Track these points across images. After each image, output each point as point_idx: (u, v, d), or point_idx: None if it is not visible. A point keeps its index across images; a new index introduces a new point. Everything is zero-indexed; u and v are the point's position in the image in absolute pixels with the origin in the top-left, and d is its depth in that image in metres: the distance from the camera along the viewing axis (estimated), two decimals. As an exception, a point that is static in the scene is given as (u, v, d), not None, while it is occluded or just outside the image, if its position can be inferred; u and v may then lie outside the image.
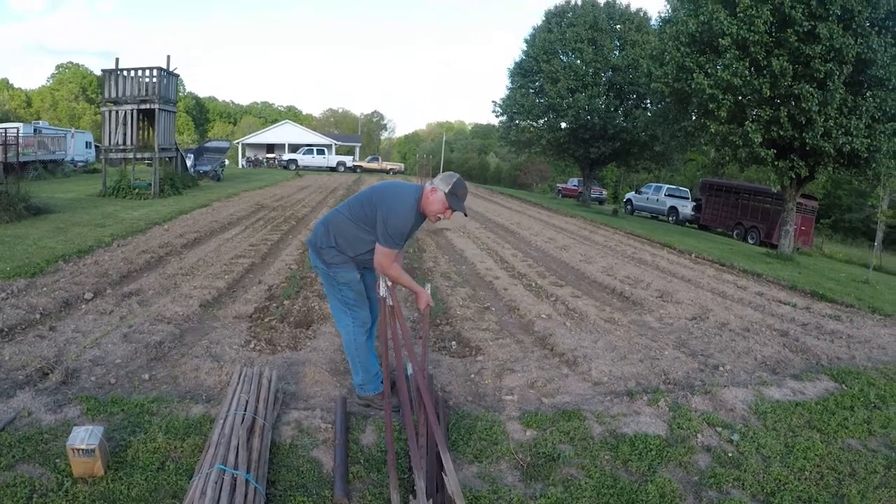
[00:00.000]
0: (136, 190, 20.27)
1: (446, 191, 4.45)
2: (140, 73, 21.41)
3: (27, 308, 6.80)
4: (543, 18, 37.99)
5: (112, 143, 21.10)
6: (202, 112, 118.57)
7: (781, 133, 17.69)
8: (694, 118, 21.90)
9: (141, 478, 3.67)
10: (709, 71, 18.44)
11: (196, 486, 3.32)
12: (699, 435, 4.87)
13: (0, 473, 3.62)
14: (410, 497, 3.55)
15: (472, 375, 6.00)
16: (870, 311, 11.02)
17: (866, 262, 20.13)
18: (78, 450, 3.55)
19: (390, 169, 63.69)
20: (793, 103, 17.46)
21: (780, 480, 4.27)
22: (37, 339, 5.95)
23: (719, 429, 5.02)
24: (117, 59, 21.29)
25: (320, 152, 61.53)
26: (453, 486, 3.25)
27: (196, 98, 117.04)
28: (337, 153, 66.33)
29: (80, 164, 36.09)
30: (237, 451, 3.63)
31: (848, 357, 7.62)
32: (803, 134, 17.40)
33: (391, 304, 4.73)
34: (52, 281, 8.12)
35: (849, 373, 6.80)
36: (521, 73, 38.22)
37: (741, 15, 17.22)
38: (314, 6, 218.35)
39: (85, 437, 3.58)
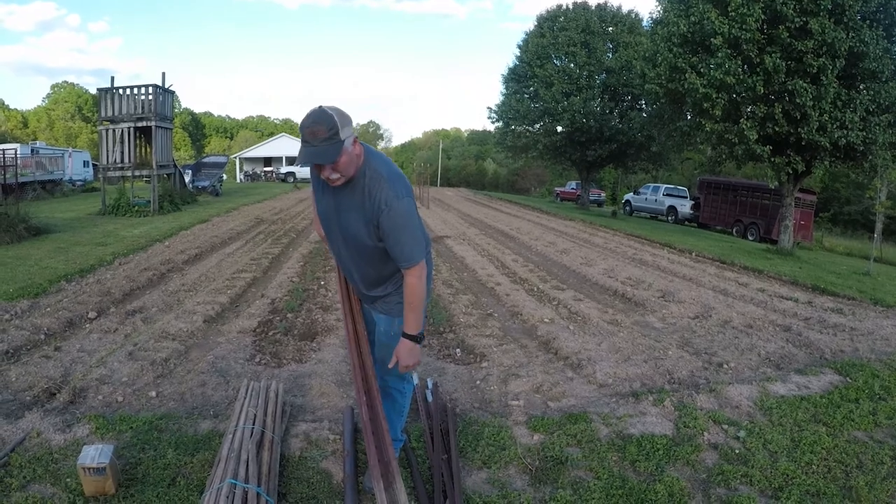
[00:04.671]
0: (136, 207, 20.34)
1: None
2: (136, 91, 21.53)
3: (32, 329, 6.82)
4: (535, 23, 38.06)
5: (110, 161, 21.19)
6: (198, 128, 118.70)
7: (777, 129, 17.70)
8: (689, 118, 21.95)
9: (152, 494, 3.69)
10: (701, 70, 18.46)
11: (207, 501, 3.33)
12: (706, 433, 4.88)
13: (12, 494, 3.64)
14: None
15: (478, 382, 6.01)
16: (872, 302, 11.04)
17: (867, 254, 20.12)
18: (89, 468, 3.56)
19: None
20: (787, 99, 17.50)
21: (787, 475, 4.29)
22: (43, 360, 5.96)
23: (725, 426, 5.04)
24: (112, 78, 21.41)
25: (318, 164, 61.42)
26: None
27: (192, 114, 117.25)
28: (334, 164, 66.18)
29: (78, 183, 36.14)
30: (247, 465, 3.64)
31: (851, 350, 7.64)
32: (798, 129, 17.42)
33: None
34: (56, 301, 8.14)
35: (853, 365, 6.81)
36: (516, 78, 38.16)
37: (732, 13, 17.26)
38: (306, 19, 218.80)
39: (95, 455, 3.59)
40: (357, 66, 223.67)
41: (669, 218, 36.29)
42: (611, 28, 36.18)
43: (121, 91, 21.46)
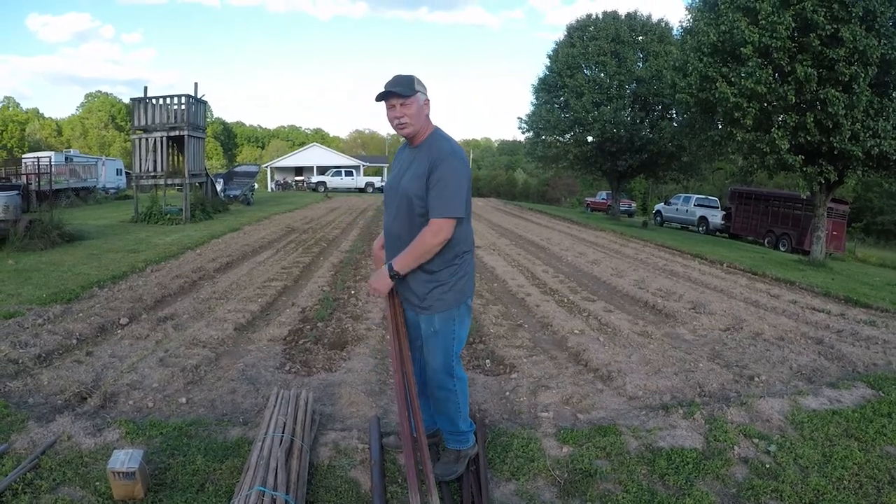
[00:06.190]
0: (168, 215, 20.57)
1: None
2: (168, 101, 21.82)
3: (64, 334, 6.92)
4: (565, 33, 37.95)
5: (143, 169, 21.48)
6: (230, 137, 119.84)
7: (809, 138, 17.49)
8: (720, 127, 21.75)
9: (181, 500, 3.72)
10: (732, 80, 18.32)
11: (236, 508, 3.35)
12: (736, 447, 4.82)
13: (42, 496, 3.69)
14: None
15: (507, 393, 5.99)
16: (906, 315, 10.84)
17: (901, 265, 19.85)
18: (118, 473, 3.59)
19: None
20: (819, 108, 17.29)
21: (818, 490, 4.22)
22: (74, 364, 6.05)
23: (756, 440, 4.97)
24: (146, 88, 21.75)
25: (348, 174, 61.77)
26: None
27: (224, 123, 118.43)
28: (365, 174, 66.29)
29: (111, 190, 36.69)
30: (276, 473, 3.66)
31: (885, 363, 7.50)
32: (831, 138, 17.20)
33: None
34: (88, 307, 8.25)
35: (886, 379, 6.68)
36: (546, 88, 38.01)
37: (763, 22, 17.11)
38: (338, 30, 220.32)
39: (125, 460, 3.63)
40: (388, 75, 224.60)
41: (700, 228, 35.99)
42: (641, 37, 35.96)
43: (154, 101, 21.76)
